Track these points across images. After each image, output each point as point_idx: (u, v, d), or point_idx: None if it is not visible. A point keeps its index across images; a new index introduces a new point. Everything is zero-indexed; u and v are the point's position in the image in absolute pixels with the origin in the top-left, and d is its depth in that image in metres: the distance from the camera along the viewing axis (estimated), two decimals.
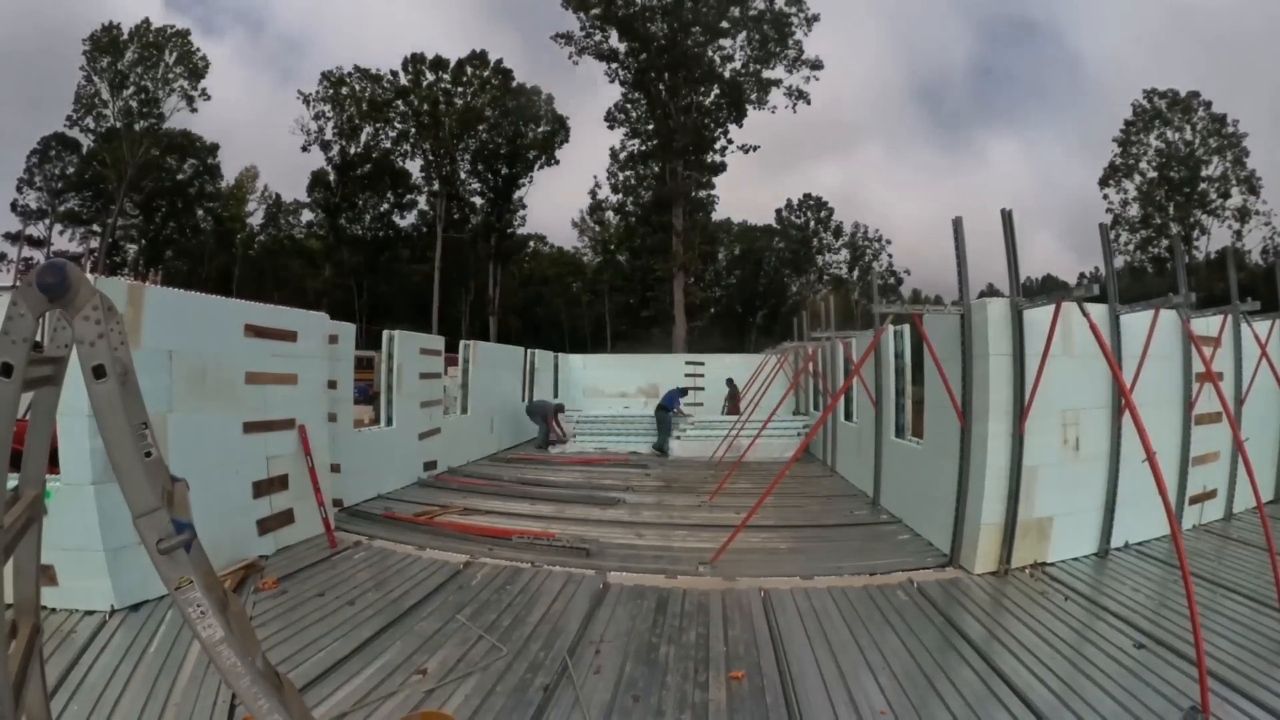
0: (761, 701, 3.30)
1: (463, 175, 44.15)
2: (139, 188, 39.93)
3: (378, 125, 43.67)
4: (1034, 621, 4.32)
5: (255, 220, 48.02)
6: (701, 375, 18.52)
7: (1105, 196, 40.82)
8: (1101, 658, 3.76)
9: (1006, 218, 5.71)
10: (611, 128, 38.30)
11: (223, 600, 1.86)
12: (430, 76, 42.74)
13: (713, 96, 36.31)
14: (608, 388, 18.82)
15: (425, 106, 42.62)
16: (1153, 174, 39.56)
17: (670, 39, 34.49)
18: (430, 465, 9.82)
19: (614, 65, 36.34)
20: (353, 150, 43.94)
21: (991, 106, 73.15)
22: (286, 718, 1.79)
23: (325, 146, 43.57)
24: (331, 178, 44.29)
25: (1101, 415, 5.79)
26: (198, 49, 39.81)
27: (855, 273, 51.53)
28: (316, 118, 43.06)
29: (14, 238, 39.69)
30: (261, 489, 5.77)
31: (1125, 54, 58.32)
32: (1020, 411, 5.36)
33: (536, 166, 44.67)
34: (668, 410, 13.37)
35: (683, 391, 14.30)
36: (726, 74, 35.94)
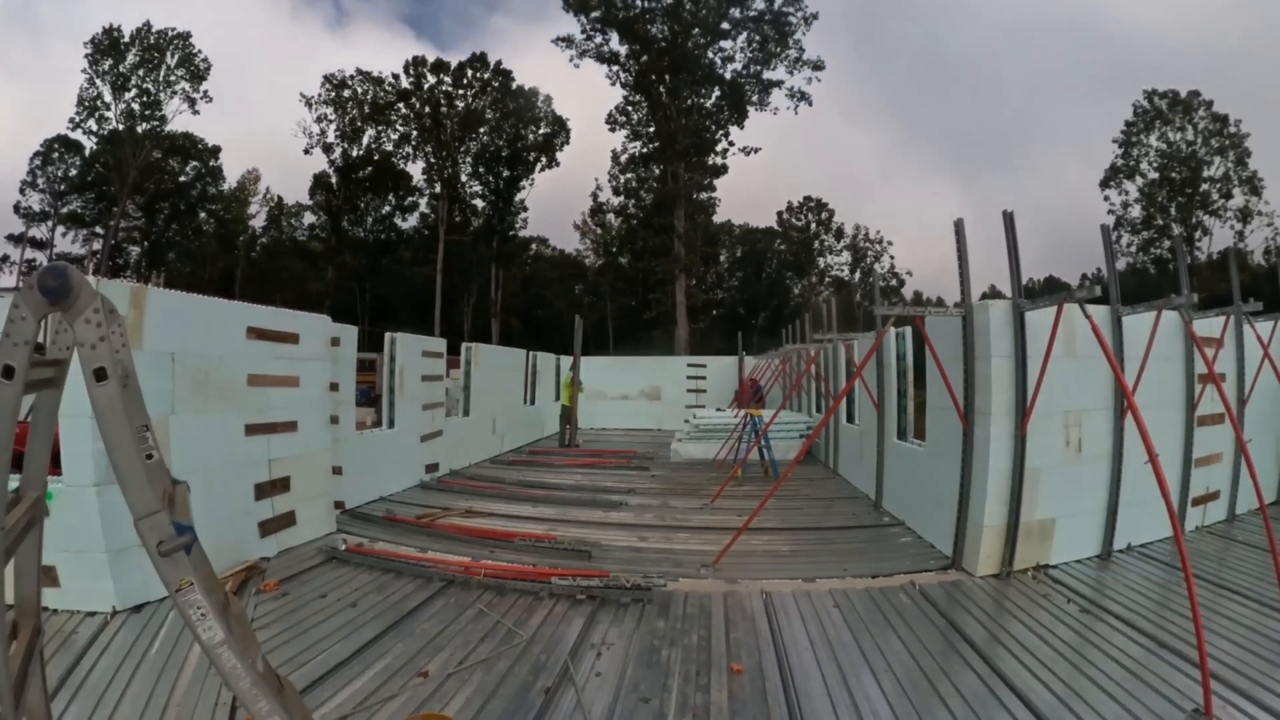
0: (763, 704, 3.29)
1: (464, 178, 44.24)
2: (141, 190, 40.06)
3: (379, 128, 43.81)
4: (1036, 624, 4.31)
5: (257, 223, 48.27)
6: (704, 378, 18.57)
7: (1106, 198, 40.82)
8: (1104, 660, 3.75)
9: (1008, 219, 5.71)
10: (613, 130, 38.38)
11: (223, 602, 1.86)
12: (431, 79, 42.87)
13: (714, 98, 36.35)
14: (610, 390, 18.84)
15: (426, 109, 42.73)
16: (1154, 175, 39.51)
17: (671, 41, 34.53)
18: (432, 467, 9.82)
19: (615, 68, 36.45)
20: (355, 153, 44.07)
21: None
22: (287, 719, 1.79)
23: (327, 149, 43.79)
24: (333, 180, 44.40)
25: (1104, 417, 5.77)
26: (199, 50, 40.00)
27: (857, 275, 51.49)
28: (319, 120, 43.27)
29: (17, 239, 39.85)
30: (263, 491, 5.77)
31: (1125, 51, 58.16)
32: (1022, 413, 5.35)
33: (537, 169, 44.76)
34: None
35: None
36: (727, 75, 36.01)
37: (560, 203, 74.33)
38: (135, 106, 38.96)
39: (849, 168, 76.03)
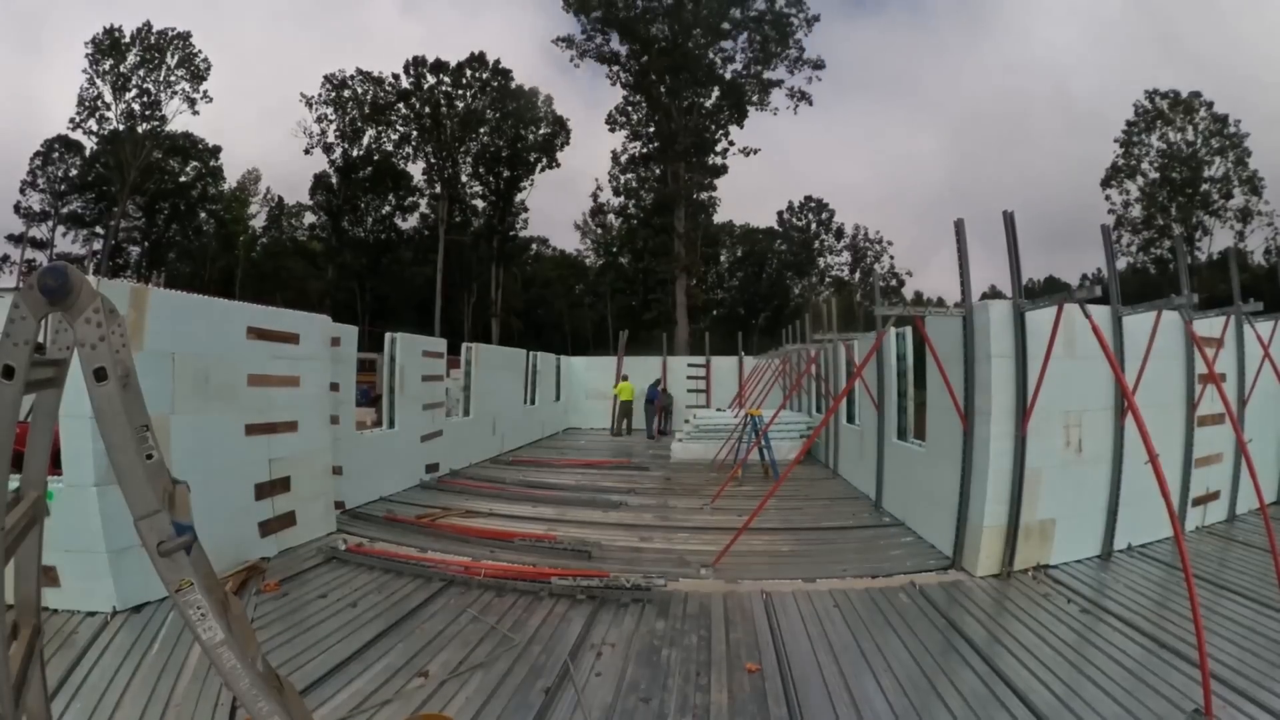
0: (764, 704, 3.29)
1: (464, 178, 44.22)
2: (142, 190, 40.05)
3: (380, 128, 43.77)
4: (1036, 624, 4.31)
5: (258, 223, 48.23)
6: (703, 377, 18.59)
7: (1107, 197, 40.80)
8: (1104, 660, 3.75)
9: (1008, 219, 5.70)
10: (613, 130, 38.34)
11: (223, 602, 1.86)
12: (431, 79, 42.84)
13: (714, 98, 36.33)
14: (609, 390, 18.82)
15: (426, 109, 42.72)
16: (1154, 175, 39.50)
17: (671, 41, 34.52)
18: (432, 467, 9.82)
19: (615, 68, 36.43)
20: (355, 153, 44.04)
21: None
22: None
23: (328, 149, 43.74)
24: (334, 180, 44.38)
25: (1104, 417, 5.77)
26: (199, 50, 39.99)
27: (857, 275, 51.44)
28: (319, 120, 43.25)
29: (17, 239, 39.83)
30: (263, 491, 5.77)
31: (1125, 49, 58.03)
32: (1023, 413, 5.35)
33: (537, 169, 44.72)
34: (650, 402, 17.25)
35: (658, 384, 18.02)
36: (727, 75, 35.99)
37: (560, 203, 74.33)
38: (135, 107, 38.97)
39: (849, 164, 76.00)
